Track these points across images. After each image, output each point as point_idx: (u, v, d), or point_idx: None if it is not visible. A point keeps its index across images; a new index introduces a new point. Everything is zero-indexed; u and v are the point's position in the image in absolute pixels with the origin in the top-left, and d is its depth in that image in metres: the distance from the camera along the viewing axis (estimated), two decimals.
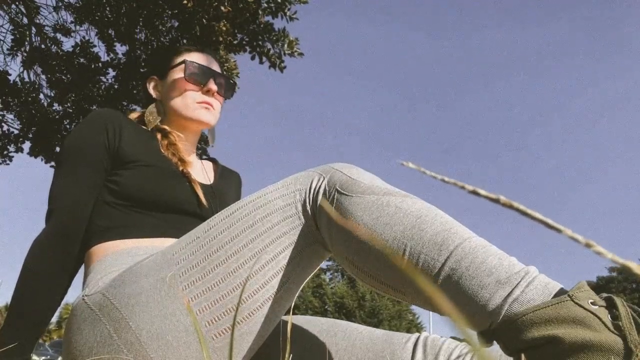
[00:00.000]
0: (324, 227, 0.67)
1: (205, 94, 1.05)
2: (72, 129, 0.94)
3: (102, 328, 0.71)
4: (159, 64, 1.10)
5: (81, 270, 0.92)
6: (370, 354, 0.78)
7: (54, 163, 4.43)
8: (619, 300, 0.48)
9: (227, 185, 1.13)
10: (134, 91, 4.17)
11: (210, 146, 1.16)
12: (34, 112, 4.35)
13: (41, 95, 4.48)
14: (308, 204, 0.69)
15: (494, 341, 0.53)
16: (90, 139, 0.91)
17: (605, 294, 0.50)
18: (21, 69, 4.37)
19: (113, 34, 3.98)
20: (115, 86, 4.22)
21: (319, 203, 0.68)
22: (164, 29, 3.86)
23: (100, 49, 4.21)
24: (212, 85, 1.05)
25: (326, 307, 23.40)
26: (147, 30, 3.91)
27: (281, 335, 0.84)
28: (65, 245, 0.85)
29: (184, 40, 3.72)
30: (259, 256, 0.68)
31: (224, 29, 3.37)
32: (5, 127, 4.48)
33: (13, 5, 4.21)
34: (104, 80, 4.26)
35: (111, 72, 4.23)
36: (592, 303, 0.48)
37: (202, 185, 1.00)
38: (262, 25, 3.57)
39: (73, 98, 4.28)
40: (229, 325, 0.67)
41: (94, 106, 4.24)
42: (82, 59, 4.15)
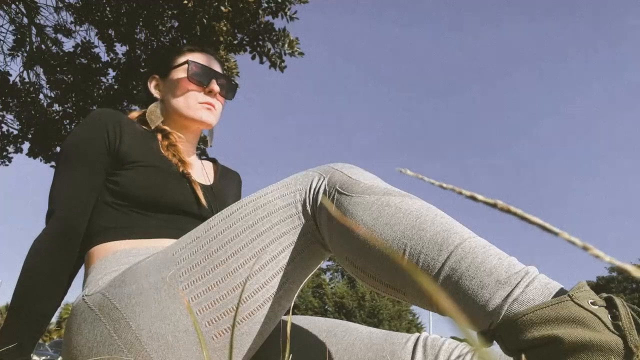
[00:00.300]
0: (324, 227, 0.67)
1: (207, 94, 1.05)
2: (73, 129, 0.93)
3: (102, 328, 0.71)
4: (161, 63, 1.10)
5: (81, 270, 0.92)
6: (370, 354, 0.78)
7: (54, 163, 4.43)
8: (619, 300, 0.48)
9: (227, 186, 1.13)
10: (134, 91, 4.17)
11: (209, 146, 1.16)
12: (33, 113, 4.35)
13: (41, 96, 4.49)
14: (308, 204, 0.69)
15: (494, 341, 0.53)
16: (90, 139, 0.91)
17: (605, 294, 0.50)
18: (21, 69, 4.37)
19: (113, 34, 3.99)
20: (116, 86, 4.22)
21: (319, 203, 0.68)
22: (164, 29, 3.86)
23: (100, 49, 4.21)
24: (215, 86, 1.05)
25: (326, 307, 23.40)
26: (147, 30, 3.91)
27: (281, 335, 0.84)
28: (65, 246, 0.85)
29: (184, 40, 3.72)
30: (259, 256, 0.68)
31: (224, 29, 3.37)
32: (4, 128, 4.49)
33: (13, 5, 4.21)
34: (104, 80, 4.26)
35: (111, 73, 4.24)
36: (592, 303, 0.48)
37: (202, 186, 1.01)
38: (263, 25, 3.58)
39: (73, 98, 4.28)
40: (229, 325, 0.67)
41: (94, 106, 4.24)
42: (83, 59, 4.15)
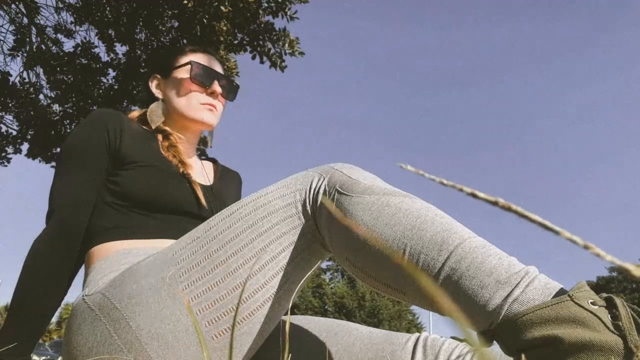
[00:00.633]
0: (324, 227, 0.67)
1: (209, 95, 1.06)
2: (73, 129, 0.93)
3: (102, 328, 0.71)
4: (162, 63, 1.10)
5: (81, 270, 0.92)
6: (370, 354, 0.78)
7: (54, 163, 4.43)
8: (619, 300, 0.48)
9: (227, 186, 1.13)
10: (134, 91, 4.17)
11: (209, 147, 1.16)
12: (32, 114, 4.35)
13: (41, 96, 4.48)
14: (308, 204, 0.69)
15: (494, 341, 0.53)
16: (91, 139, 0.91)
17: (605, 294, 0.50)
18: (21, 69, 4.37)
19: (113, 34, 3.98)
20: (115, 86, 4.22)
21: (319, 203, 0.68)
22: (164, 29, 3.86)
23: (100, 50, 4.21)
24: (217, 87, 1.06)
25: (326, 307, 23.40)
26: (147, 30, 3.91)
27: (281, 335, 0.84)
28: (65, 246, 0.85)
29: (184, 40, 3.72)
30: (259, 256, 0.68)
31: (224, 28, 3.37)
32: (3, 129, 4.48)
33: (13, 6, 4.21)
34: (104, 80, 4.26)
35: (111, 73, 4.24)
36: (592, 303, 0.48)
37: (202, 186, 1.01)
38: (263, 25, 3.58)
39: (73, 98, 4.28)
40: (229, 325, 0.67)
41: (94, 106, 4.24)
42: (83, 60, 4.15)
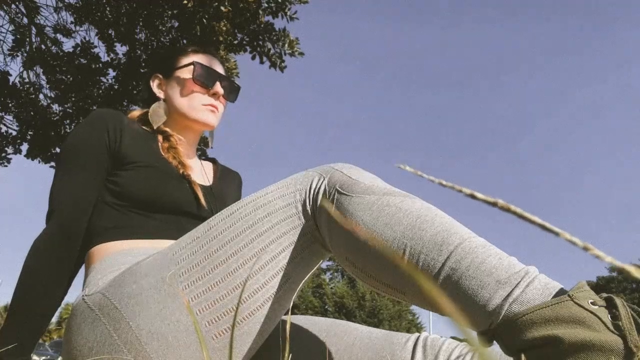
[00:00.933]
0: (324, 227, 0.67)
1: (211, 96, 1.06)
2: (73, 129, 0.93)
3: (102, 328, 0.71)
4: (164, 62, 1.10)
5: (81, 270, 0.92)
6: (370, 354, 0.78)
7: (54, 163, 4.43)
8: (619, 300, 0.48)
9: (227, 186, 1.14)
10: (134, 91, 4.17)
11: (210, 147, 1.16)
12: (32, 114, 4.35)
13: (41, 96, 4.48)
14: (308, 204, 0.69)
15: (494, 341, 0.54)
16: (91, 139, 0.91)
17: (605, 294, 0.50)
18: (21, 69, 4.37)
19: (113, 34, 3.98)
20: (116, 86, 4.22)
21: (319, 203, 0.68)
22: (164, 29, 3.86)
23: (100, 49, 4.21)
24: (219, 88, 1.06)
25: (326, 307, 23.40)
26: (147, 30, 3.91)
27: (281, 335, 0.84)
28: (65, 246, 0.85)
29: (184, 40, 3.72)
30: (259, 256, 0.68)
31: (224, 29, 3.37)
32: (3, 129, 4.48)
33: (13, 5, 4.21)
34: (104, 80, 4.26)
35: (111, 73, 4.24)
36: (592, 303, 0.48)
37: (202, 187, 1.01)
38: (263, 25, 3.58)
39: (73, 98, 4.28)
40: (229, 325, 0.67)
41: (94, 106, 4.24)
42: (83, 60, 4.15)
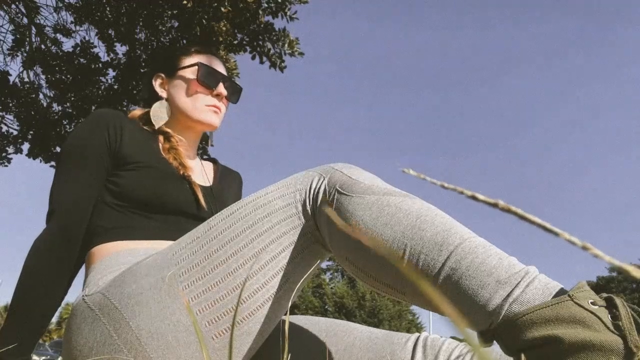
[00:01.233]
0: (324, 227, 0.67)
1: (214, 97, 1.06)
2: (73, 129, 0.94)
3: (102, 328, 0.71)
4: (167, 62, 1.10)
5: (81, 270, 0.92)
6: (370, 354, 0.78)
7: (54, 163, 4.43)
8: (619, 300, 0.48)
9: (227, 186, 1.14)
10: (134, 91, 4.17)
11: (210, 146, 1.17)
12: (33, 113, 4.35)
13: (41, 96, 4.48)
14: (308, 204, 0.69)
15: (494, 341, 0.54)
16: (91, 139, 0.91)
17: (605, 294, 0.50)
18: (21, 69, 4.37)
19: (113, 34, 3.98)
20: (115, 86, 4.22)
21: (319, 203, 0.68)
22: (164, 29, 3.86)
23: (100, 49, 4.21)
24: (222, 89, 1.06)
25: (326, 307, 23.40)
26: (147, 30, 3.91)
27: (281, 335, 0.84)
28: (65, 246, 0.85)
29: (184, 40, 3.72)
30: (259, 256, 0.68)
31: (224, 29, 3.37)
32: (4, 128, 4.48)
33: (13, 5, 4.21)
34: (104, 80, 4.26)
35: (111, 72, 4.24)
36: (592, 303, 0.48)
37: (202, 187, 1.01)
38: (262, 25, 3.58)
39: (73, 98, 4.28)
40: (229, 325, 0.67)
41: (93, 106, 4.24)
42: (82, 59, 4.15)
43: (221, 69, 1.11)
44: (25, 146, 4.55)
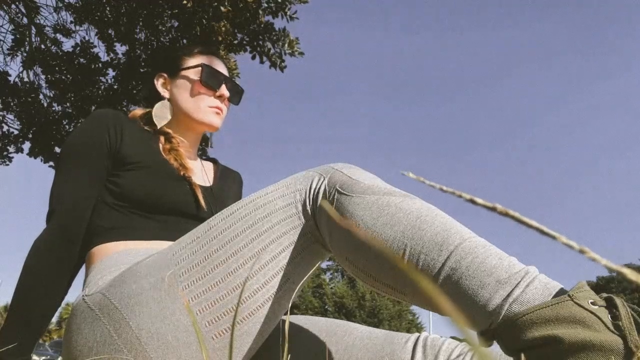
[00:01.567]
0: (324, 227, 0.67)
1: (217, 98, 1.06)
2: (74, 129, 0.94)
3: (102, 328, 0.71)
4: (170, 62, 1.10)
5: (82, 270, 0.92)
6: (370, 354, 0.78)
7: (53, 163, 4.43)
8: (619, 300, 0.48)
9: (227, 186, 1.14)
10: (134, 91, 4.17)
11: (210, 147, 1.17)
12: (33, 113, 4.34)
13: (41, 96, 4.48)
14: (308, 204, 0.69)
15: (494, 341, 0.54)
16: (91, 139, 0.91)
17: (605, 294, 0.50)
18: (21, 69, 4.37)
19: (113, 34, 3.98)
20: (115, 86, 4.21)
21: (319, 203, 0.68)
22: (164, 29, 3.86)
23: (100, 49, 4.21)
24: (225, 91, 1.07)
25: (326, 307, 23.40)
26: (147, 30, 3.91)
27: (281, 335, 0.84)
28: (65, 246, 0.85)
29: (184, 40, 3.72)
30: (259, 256, 0.68)
31: (224, 29, 3.37)
32: (5, 128, 4.48)
33: (13, 5, 4.21)
34: (104, 80, 4.25)
35: (111, 72, 4.23)
36: (592, 303, 0.48)
37: (202, 188, 1.01)
38: (263, 25, 3.57)
39: (73, 98, 4.28)
40: (229, 325, 0.67)
41: (93, 106, 4.24)
42: (82, 59, 4.15)
43: (224, 70, 1.11)
44: (26, 145, 4.56)
